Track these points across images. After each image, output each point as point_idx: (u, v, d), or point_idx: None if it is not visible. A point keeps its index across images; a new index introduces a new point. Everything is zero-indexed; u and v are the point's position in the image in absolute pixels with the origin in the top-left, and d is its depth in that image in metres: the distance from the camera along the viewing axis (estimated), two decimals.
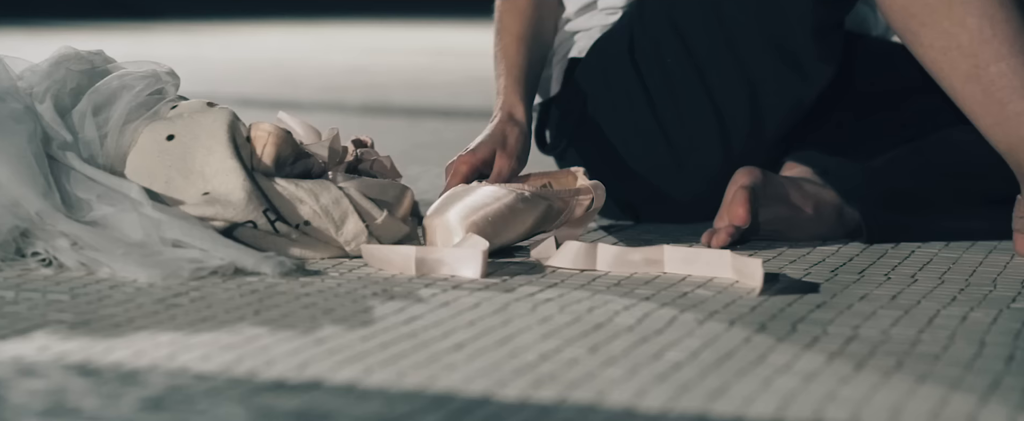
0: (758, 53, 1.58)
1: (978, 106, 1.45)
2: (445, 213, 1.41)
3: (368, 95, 3.29)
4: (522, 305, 1.24)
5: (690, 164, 1.62)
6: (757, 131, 1.60)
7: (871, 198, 1.56)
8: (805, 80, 1.59)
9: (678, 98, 1.61)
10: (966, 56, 1.44)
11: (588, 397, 0.97)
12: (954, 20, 1.44)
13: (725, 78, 1.59)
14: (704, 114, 1.61)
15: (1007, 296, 1.30)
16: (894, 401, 0.97)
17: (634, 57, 1.62)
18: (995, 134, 1.45)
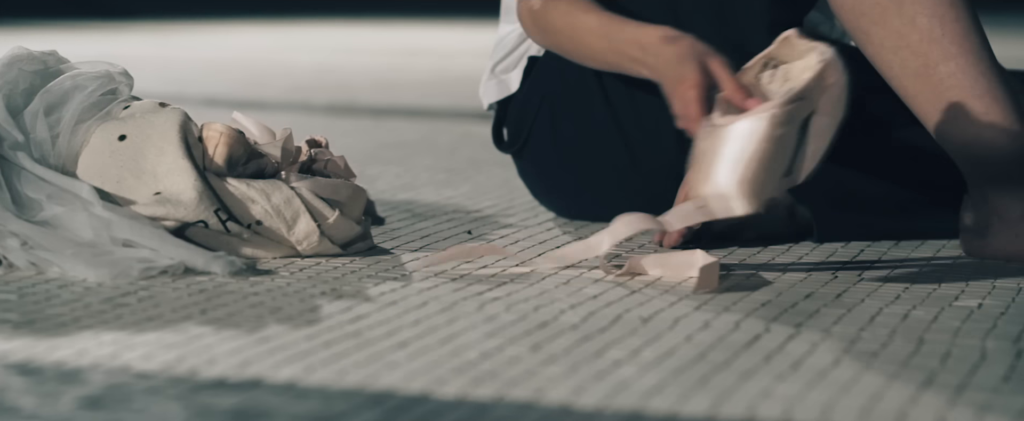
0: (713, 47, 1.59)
1: (927, 105, 1.46)
2: (714, 182, 1.30)
3: (334, 95, 3.30)
4: (469, 304, 1.25)
5: (647, 163, 1.63)
6: None
7: (822, 198, 1.58)
8: None
9: (635, 97, 1.62)
10: (916, 55, 1.45)
11: (526, 395, 0.98)
12: (905, 19, 1.45)
13: None
14: (661, 113, 1.62)
15: (950, 295, 1.31)
16: (827, 399, 0.99)
17: None
18: (943, 133, 1.46)
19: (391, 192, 1.88)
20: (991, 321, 1.21)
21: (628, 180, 1.65)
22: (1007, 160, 1.43)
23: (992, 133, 1.44)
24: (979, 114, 1.44)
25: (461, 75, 3.76)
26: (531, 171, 1.71)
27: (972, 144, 1.44)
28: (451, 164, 2.18)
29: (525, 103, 1.68)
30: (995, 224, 1.46)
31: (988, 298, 1.30)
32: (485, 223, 1.66)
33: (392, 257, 1.44)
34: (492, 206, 1.78)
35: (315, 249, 1.41)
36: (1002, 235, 1.45)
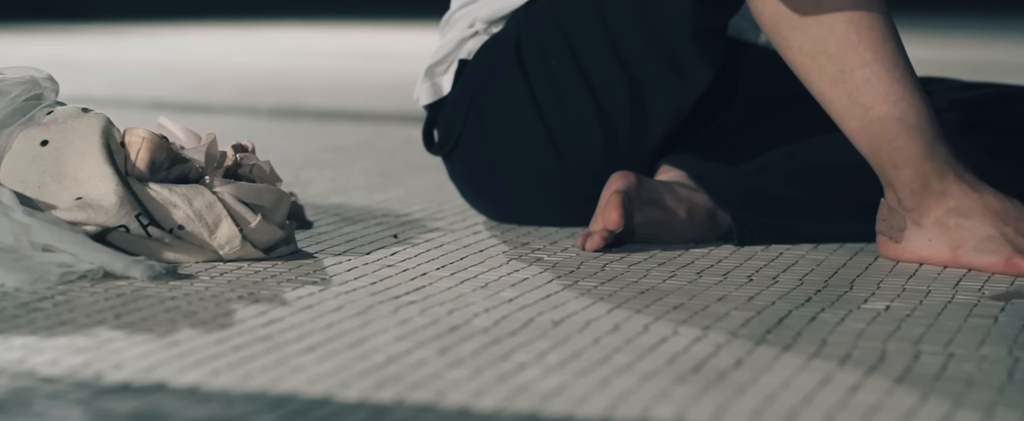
0: (640, 54, 1.61)
1: (843, 110, 1.48)
2: None
3: (282, 98, 3.31)
4: (385, 307, 1.26)
5: (575, 165, 1.65)
6: (641, 132, 1.64)
7: (743, 202, 1.60)
8: (686, 82, 1.62)
9: (563, 99, 1.64)
10: (833, 61, 1.47)
11: (427, 397, 1.00)
12: (822, 26, 1.47)
13: (608, 79, 1.63)
14: (588, 115, 1.64)
15: (861, 297, 1.34)
16: (722, 400, 1.01)
17: (520, 57, 1.65)
18: (859, 138, 1.48)
19: (323, 196, 1.89)
20: (896, 323, 1.24)
21: (556, 182, 1.66)
22: (920, 165, 1.46)
23: (906, 139, 1.46)
24: (894, 120, 1.47)
25: (411, 79, 3.76)
26: (461, 173, 1.73)
27: (886, 149, 1.47)
28: (388, 168, 2.19)
29: (455, 105, 1.70)
30: (909, 228, 1.48)
31: (896, 300, 1.32)
32: (413, 227, 1.67)
33: (314, 261, 1.46)
34: (422, 210, 1.80)
35: (237, 253, 1.43)
36: (916, 239, 1.48)
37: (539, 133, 1.66)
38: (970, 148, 1.62)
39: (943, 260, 1.47)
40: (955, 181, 1.46)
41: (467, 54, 1.69)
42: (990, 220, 1.45)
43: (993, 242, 1.45)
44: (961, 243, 1.46)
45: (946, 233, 1.47)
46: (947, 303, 1.31)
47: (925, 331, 1.21)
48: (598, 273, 1.43)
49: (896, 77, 1.46)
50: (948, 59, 4.42)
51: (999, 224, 1.45)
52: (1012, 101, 1.72)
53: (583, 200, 1.64)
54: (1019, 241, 1.44)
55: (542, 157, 1.66)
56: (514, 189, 1.69)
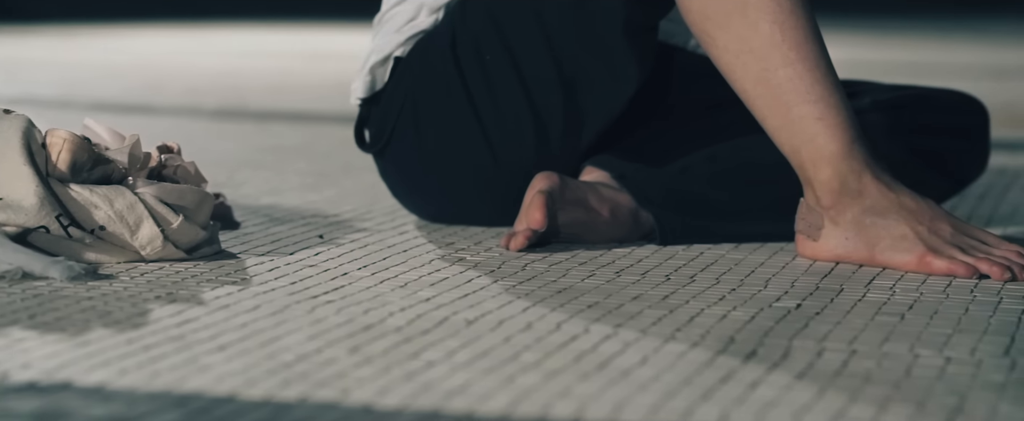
0: (574, 53, 1.63)
1: (766, 109, 1.50)
2: None
3: (226, 99, 3.31)
4: (301, 307, 1.28)
5: (507, 162, 1.66)
6: (573, 130, 1.65)
7: (665, 202, 1.62)
8: (619, 81, 1.64)
9: (497, 95, 1.65)
10: (757, 60, 1.49)
11: (331, 395, 1.01)
12: (748, 24, 1.49)
13: (542, 77, 1.64)
14: (521, 112, 1.66)
15: (773, 295, 1.35)
16: (622, 397, 1.02)
17: (456, 53, 1.67)
18: (780, 136, 1.51)
19: (255, 197, 1.90)
20: (804, 321, 1.26)
21: (488, 179, 1.68)
22: (839, 164, 1.48)
23: (825, 138, 1.48)
24: (814, 119, 1.49)
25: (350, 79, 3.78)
26: (392, 171, 1.74)
27: (806, 148, 1.49)
28: (323, 168, 2.20)
29: (389, 101, 1.71)
30: (827, 226, 1.50)
31: (809, 299, 1.34)
32: (340, 227, 1.69)
33: (237, 261, 1.47)
34: (352, 210, 1.81)
35: (159, 254, 1.43)
36: (833, 237, 1.50)
37: (473, 129, 1.67)
38: (892, 148, 1.65)
39: (859, 258, 1.49)
40: (872, 181, 1.48)
41: (402, 52, 1.71)
42: (904, 219, 1.47)
43: (907, 241, 1.47)
44: (876, 242, 1.48)
45: (862, 232, 1.49)
46: (857, 301, 1.34)
47: (832, 329, 1.23)
48: (518, 272, 1.45)
49: (817, 77, 1.49)
50: (889, 60, 4.46)
51: (913, 223, 1.47)
52: (933, 102, 1.75)
53: (514, 198, 1.65)
54: (932, 240, 1.47)
55: (475, 154, 1.68)
56: (446, 186, 1.70)
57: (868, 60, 4.25)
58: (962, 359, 1.13)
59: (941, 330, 1.23)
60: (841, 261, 1.50)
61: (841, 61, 1.54)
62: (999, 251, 1.45)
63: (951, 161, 1.72)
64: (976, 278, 1.43)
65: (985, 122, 1.75)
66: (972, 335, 1.21)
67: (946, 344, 1.18)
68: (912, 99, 1.73)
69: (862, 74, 2.22)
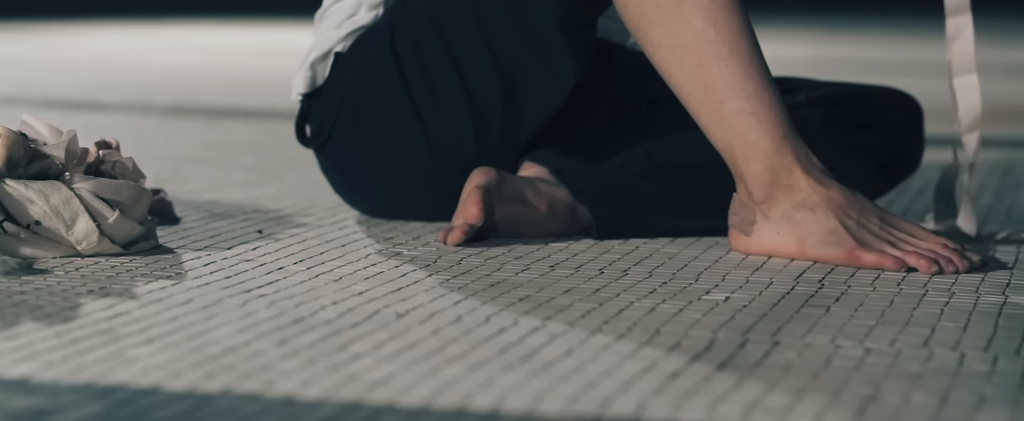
0: (512, 49, 1.64)
1: (699, 104, 1.52)
2: None
3: (178, 95, 3.31)
4: (234, 301, 1.29)
5: (446, 157, 1.67)
6: (512, 126, 1.67)
7: (602, 197, 1.63)
8: (556, 76, 1.65)
9: (436, 91, 1.67)
10: (691, 55, 1.51)
11: (254, 387, 1.02)
12: (682, 21, 1.51)
13: (481, 72, 1.65)
14: (460, 107, 1.67)
15: (703, 289, 1.37)
16: (542, 388, 1.04)
17: (395, 50, 1.68)
18: (713, 132, 1.52)
19: (198, 192, 1.91)
20: (731, 314, 1.27)
21: (428, 175, 1.69)
22: (770, 160, 1.50)
23: (757, 133, 1.50)
24: (746, 114, 1.50)
25: None
26: (333, 166, 1.75)
27: (738, 143, 1.51)
28: (269, 164, 2.21)
29: (330, 97, 1.72)
30: (759, 221, 1.52)
31: (738, 292, 1.36)
32: (280, 222, 1.69)
33: (173, 256, 1.48)
34: (294, 206, 1.82)
35: (95, 249, 1.44)
36: (765, 232, 1.52)
37: (412, 125, 1.68)
38: (828, 144, 1.67)
39: (790, 253, 1.51)
40: (802, 175, 1.50)
41: (343, 47, 1.72)
42: (834, 213, 1.49)
43: (836, 235, 1.49)
44: (807, 236, 1.50)
45: (793, 226, 1.51)
46: (785, 294, 1.35)
47: (757, 321, 1.25)
48: (453, 267, 1.46)
49: (750, 73, 1.50)
50: (845, 57, 4.49)
51: (842, 217, 1.49)
52: (868, 99, 1.77)
53: (453, 194, 1.66)
54: (861, 233, 1.49)
55: (414, 149, 1.69)
56: (385, 181, 1.71)
57: (823, 57, 4.28)
58: (881, 350, 1.15)
59: (864, 322, 1.25)
60: (773, 255, 1.52)
61: (797, 58, 1.56)
62: (927, 244, 1.47)
63: (886, 157, 1.74)
64: (904, 271, 1.45)
65: (919, 118, 1.77)
66: (894, 327, 1.23)
67: (867, 336, 1.20)
68: (848, 96, 1.75)
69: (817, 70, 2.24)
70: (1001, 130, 2.73)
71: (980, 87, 1.60)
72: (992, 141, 2.54)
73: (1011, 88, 3.53)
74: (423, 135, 1.67)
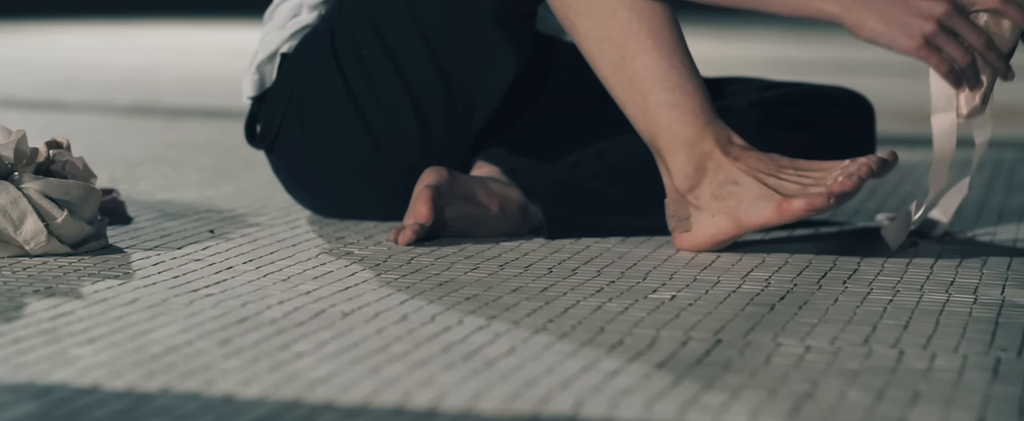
0: (449, 43, 1.64)
1: (624, 95, 1.53)
2: None
3: (138, 95, 3.30)
4: (180, 300, 1.29)
5: (391, 155, 1.68)
6: (455, 121, 1.67)
7: (554, 197, 1.64)
8: (495, 67, 1.65)
9: (376, 90, 1.67)
10: (615, 47, 1.52)
11: (194, 386, 1.02)
12: (606, 12, 1.52)
13: (419, 68, 1.66)
14: (402, 106, 1.67)
15: (650, 288, 1.38)
16: (481, 386, 1.04)
17: (334, 49, 1.68)
18: (639, 123, 1.53)
19: (152, 192, 1.91)
20: (676, 312, 1.28)
21: (373, 174, 1.69)
22: (692, 149, 1.50)
23: (679, 125, 1.51)
24: (669, 106, 1.51)
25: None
26: (282, 168, 1.75)
27: (662, 134, 1.51)
28: (226, 164, 2.21)
29: (276, 98, 1.72)
30: (693, 214, 1.53)
31: (684, 291, 1.37)
32: (233, 222, 1.69)
33: (122, 256, 1.48)
34: (247, 205, 1.82)
35: (44, 249, 1.44)
36: (701, 221, 1.53)
37: (355, 125, 1.69)
38: (779, 144, 1.67)
39: (730, 232, 1.52)
40: (722, 157, 1.51)
41: (288, 48, 1.72)
42: (754, 178, 1.50)
43: (762, 197, 1.49)
44: (737, 208, 1.51)
45: (722, 204, 1.51)
46: (731, 293, 1.36)
47: (701, 319, 1.26)
48: (403, 266, 1.47)
49: (673, 64, 1.51)
50: (810, 57, 4.50)
51: (763, 178, 1.50)
52: (820, 99, 1.78)
53: (403, 193, 1.66)
54: (783, 185, 1.48)
55: (359, 149, 1.69)
56: (333, 182, 1.72)
57: (787, 57, 4.29)
58: (821, 348, 1.16)
59: (807, 320, 1.25)
60: (717, 242, 1.52)
61: (766, 59, 1.57)
62: (838, 169, 1.48)
63: (837, 157, 1.74)
64: (833, 201, 1.45)
65: (871, 118, 1.78)
66: (836, 325, 1.24)
67: (809, 333, 1.20)
68: (799, 95, 1.76)
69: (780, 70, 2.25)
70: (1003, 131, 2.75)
71: (956, 128, 1.54)
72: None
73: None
74: (366, 134, 1.68)
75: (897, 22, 1.43)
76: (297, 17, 1.70)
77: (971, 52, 1.46)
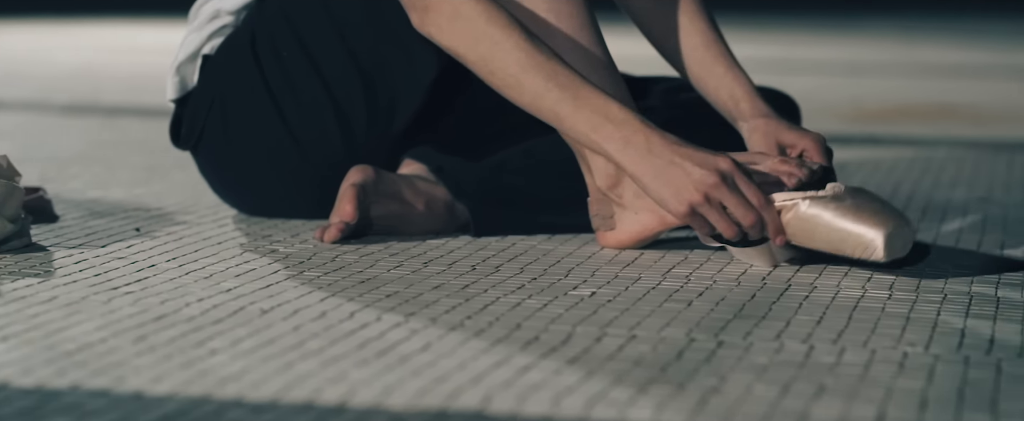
0: (368, 44, 1.65)
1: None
2: None
3: (78, 94, 3.29)
4: (98, 298, 1.28)
5: (314, 156, 1.68)
6: (378, 121, 1.67)
7: (480, 195, 1.64)
8: (416, 67, 1.65)
9: (297, 91, 1.67)
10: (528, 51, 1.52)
11: (104, 383, 1.03)
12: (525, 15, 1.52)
13: (339, 69, 1.66)
14: (323, 107, 1.67)
15: (571, 284, 1.39)
16: (392, 381, 1.05)
17: (255, 51, 1.68)
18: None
19: (81, 190, 1.90)
20: (593, 308, 1.29)
21: (296, 175, 1.69)
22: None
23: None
24: (588, 106, 1.52)
25: None
26: (207, 168, 1.75)
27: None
28: (159, 162, 2.20)
29: (199, 100, 1.72)
30: (617, 212, 1.54)
31: (605, 287, 1.38)
32: (161, 220, 1.69)
33: (45, 254, 1.47)
34: (177, 204, 1.81)
35: None
36: (625, 218, 1.54)
37: (276, 126, 1.69)
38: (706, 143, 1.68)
39: (653, 228, 1.53)
40: None
41: (211, 49, 1.72)
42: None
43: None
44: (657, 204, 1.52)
45: (644, 201, 1.52)
46: (651, 289, 1.37)
47: (618, 315, 1.27)
48: (327, 264, 1.47)
49: (592, 65, 1.52)
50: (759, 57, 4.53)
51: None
52: None
53: (329, 192, 1.66)
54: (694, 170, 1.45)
55: (282, 151, 1.69)
56: (257, 182, 1.72)
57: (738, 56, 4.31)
58: (734, 343, 1.17)
59: (723, 316, 1.26)
60: (640, 240, 1.53)
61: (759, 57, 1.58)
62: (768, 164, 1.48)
63: None
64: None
65: (796, 119, 1.80)
66: (750, 320, 1.25)
67: (723, 329, 1.22)
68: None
69: None
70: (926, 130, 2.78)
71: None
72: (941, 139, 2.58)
73: (863, 85, 3.58)
74: (288, 135, 1.68)
75: (671, 185, 1.43)
76: (217, 18, 1.70)
77: (747, 214, 1.43)
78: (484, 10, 1.46)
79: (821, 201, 1.43)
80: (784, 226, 1.43)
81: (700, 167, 1.42)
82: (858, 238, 1.40)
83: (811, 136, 1.60)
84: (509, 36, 1.46)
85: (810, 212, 1.43)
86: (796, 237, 1.43)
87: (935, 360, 1.12)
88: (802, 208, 1.43)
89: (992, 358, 1.13)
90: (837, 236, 1.41)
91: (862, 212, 1.42)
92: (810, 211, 1.43)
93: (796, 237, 1.43)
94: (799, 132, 1.61)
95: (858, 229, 1.41)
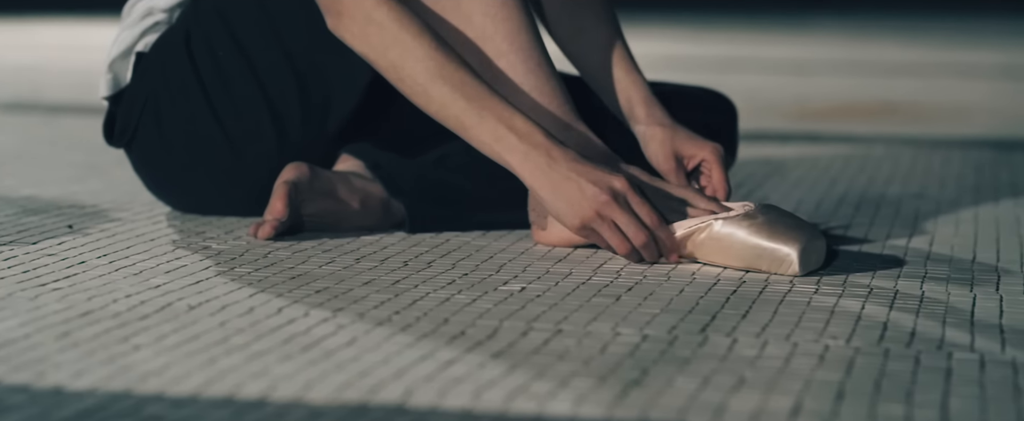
0: (304, 43, 1.65)
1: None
2: None
3: (21, 91, 3.27)
4: (25, 295, 1.28)
5: (248, 155, 1.68)
6: (313, 120, 1.67)
7: (416, 192, 1.65)
8: (353, 68, 1.65)
9: (232, 91, 1.67)
10: (472, 53, 1.53)
11: (24, 378, 1.02)
12: (461, 17, 1.53)
13: (274, 69, 1.66)
14: (257, 106, 1.67)
15: (502, 280, 1.39)
16: (315, 376, 1.05)
17: (190, 50, 1.68)
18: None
19: (16, 188, 1.89)
20: (522, 303, 1.29)
21: (231, 173, 1.69)
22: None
23: (543, 125, 1.52)
24: (530, 109, 1.52)
25: None
26: (141, 166, 1.74)
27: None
28: (98, 160, 2.19)
29: (132, 98, 1.71)
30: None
31: (535, 283, 1.38)
32: (95, 217, 1.68)
33: None
34: (112, 201, 1.81)
35: None
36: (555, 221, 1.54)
37: (211, 125, 1.68)
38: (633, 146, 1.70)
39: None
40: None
41: (144, 47, 1.71)
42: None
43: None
44: None
45: None
46: (581, 284, 1.38)
47: (546, 310, 1.27)
48: (259, 260, 1.47)
49: (531, 68, 1.53)
50: (705, 55, 4.54)
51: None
52: (683, 100, 1.79)
53: (264, 190, 1.66)
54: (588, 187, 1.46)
55: (216, 150, 1.69)
56: (191, 181, 1.71)
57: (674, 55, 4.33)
58: (659, 337, 1.18)
59: (650, 310, 1.27)
60: (572, 241, 1.54)
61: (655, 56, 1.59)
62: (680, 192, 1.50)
63: None
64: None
65: (733, 119, 1.81)
66: (677, 315, 1.26)
67: (649, 323, 1.22)
68: (662, 96, 1.78)
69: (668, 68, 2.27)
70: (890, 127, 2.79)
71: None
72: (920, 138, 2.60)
73: (808, 84, 3.60)
74: (223, 136, 1.67)
75: (565, 200, 1.44)
76: (149, 16, 1.70)
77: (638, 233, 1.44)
78: (396, 17, 1.46)
79: (734, 220, 1.44)
80: (697, 247, 1.45)
81: (593, 184, 1.43)
82: (773, 254, 1.41)
83: (710, 147, 1.61)
84: (420, 44, 1.46)
85: (724, 231, 1.44)
86: (711, 256, 1.44)
87: (855, 353, 1.13)
88: (716, 228, 1.44)
89: (912, 350, 1.14)
90: (752, 253, 1.42)
91: (775, 228, 1.43)
92: (724, 231, 1.44)
93: (711, 256, 1.44)
94: (698, 142, 1.62)
95: (772, 245, 1.42)
